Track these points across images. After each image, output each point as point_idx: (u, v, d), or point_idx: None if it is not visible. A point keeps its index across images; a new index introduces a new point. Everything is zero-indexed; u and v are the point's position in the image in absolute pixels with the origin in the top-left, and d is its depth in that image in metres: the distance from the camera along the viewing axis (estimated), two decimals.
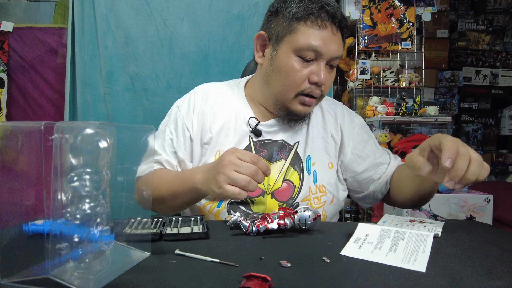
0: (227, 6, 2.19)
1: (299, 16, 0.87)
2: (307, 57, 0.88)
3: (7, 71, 2.35)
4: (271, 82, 0.95)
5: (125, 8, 2.15)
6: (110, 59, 2.15)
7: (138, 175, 0.67)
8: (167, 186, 0.90)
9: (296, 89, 0.91)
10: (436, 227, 0.76)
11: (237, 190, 0.74)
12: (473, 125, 3.23)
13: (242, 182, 0.73)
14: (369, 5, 2.23)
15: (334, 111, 1.08)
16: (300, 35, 0.87)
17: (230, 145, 0.97)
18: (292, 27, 0.88)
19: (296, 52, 0.88)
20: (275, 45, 0.92)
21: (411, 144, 1.90)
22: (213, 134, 0.99)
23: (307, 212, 0.73)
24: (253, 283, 0.45)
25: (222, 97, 1.04)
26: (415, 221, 0.82)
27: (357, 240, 0.65)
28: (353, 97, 2.34)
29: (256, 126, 0.99)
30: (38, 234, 0.47)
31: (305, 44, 0.87)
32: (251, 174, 0.74)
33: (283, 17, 0.89)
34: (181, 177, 0.88)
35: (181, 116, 1.02)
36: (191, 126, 1.00)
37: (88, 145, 0.48)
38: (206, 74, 2.19)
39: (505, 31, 3.25)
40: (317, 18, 0.86)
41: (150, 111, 2.20)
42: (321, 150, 1.02)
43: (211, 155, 0.98)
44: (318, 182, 1.00)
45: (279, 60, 0.91)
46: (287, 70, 0.90)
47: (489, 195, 1.76)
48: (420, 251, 0.59)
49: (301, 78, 0.90)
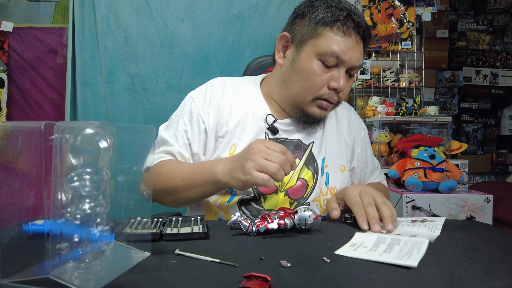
0: (227, 6, 2.19)
1: (325, 21, 0.88)
2: (329, 62, 0.89)
3: (7, 71, 2.35)
4: (290, 83, 0.95)
5: (125, 8, 2.15)
6: (110, 59, 2.15)
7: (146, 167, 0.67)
8: (183, 176, 0.89)
9: (314, 93, 0.92)
10: (437, 225, 0.76)
11: (267, 177, 0.74)
12: (473, 125, 3.23)
13: (272, 169, 0.74)
14: (369, 5, 2.23)
15: (347, 117, 1.12)
16: (325, 40, 0.88)
17: (246, 140, 0.97)
18: (318, 31, 0.89)
19: (318, 56, 0.89)
20: (298, 47, 0.93)
21: (411, 144, 1.90)
22: (229, 128, 0.98)
23: (307, 212, 0.73)
24: (253, 283, 0.45)
25: (238, 92, 1.04)
26: (416, 221, 0.82)
27: (353, 245, 0.66)
28: (353, 97, 2.34)
29: (273, 123, 1.00)
30: (38, 234, 0.47)
31: (328, 49, 0.88)
32: (280, 162, 0.75)
33: (309, 20, 0.91)
34: (200, 167, 0.88)
35: (196, 108, 1.01)
36: (206, 119, 0.99)
37: (88, 145, 0.48)
38: (206, 74, 2.19)
39: (505, 31, 3.25)
40: (343, 25, 0.88)
41: (150, 111, 2.20)
42: (334, 153, 1.04)
43: (226, 149, 0.97)
44: (330, 184, 1.01)
45: (301, 63, 0.92)
46: (307, 73, 0.91)
47: (489, 195, 1.76)
48: (414, 252, 0.59)
49: (320, 83, 0.91)
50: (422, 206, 1.73)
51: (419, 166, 1.77)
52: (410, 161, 1.82)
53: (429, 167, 1.75)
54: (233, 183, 0.80)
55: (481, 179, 3.16)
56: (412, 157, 1.81)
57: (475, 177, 3.15)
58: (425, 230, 0.74)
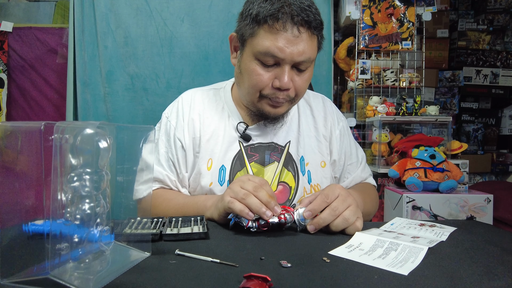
0: (227, 6, 2.19)
1: (258, 18, 0.82)
2: (267, 62, 0.84)
3: (7, 71, 2.35)
4: (240, 84, 0.94)
5: (125, 8, 2.15)
6: (110, 59, 2.15)
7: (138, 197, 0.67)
8: (177, 209, 0.91)
9: (258, 92, 0.89)
10: (445, 231, 0.75)
11: (240, 205, 0.71)
12: (474, 125, 3.23)
13: (240, 194, 0.72)
14: (369, 4, 2.23)
15: (323, 110, 1.08)
16: (259, 39, 0.83)
17: (220, 153, 0.97)
18: (253, 30, 0.84)
19: (256, 56, 0.85)
20: (241, 47, 0.90)
21: (411, 144, 1.90)
22: (204, 143, 0.98)
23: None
24: (253, 283, 0.45)
25: (209, 103, 1.03)
26: (424, 224, 0.80)
27: (350, 246, 0.65)
28: (353, 97, 2.34)
29: (244, 131, 0.98)
30: (38, 234, 0.47)
31: (262, 49, 0.83)
32: (252, 189, 0.72)
33: (246, 19, 0.86)
34: (193, 201, 0.90)
35: (171, 127, 1.01)
36: (182, 137, 0.99)
37: (88, 145, 0.48)
38: (206, 74, 2.19)
39: (506, 30, 3.25)
40: (276, 20, 0.80)
41: (150, 111, 2.20)
42: (313, 149, 1.02)
43: (203, 163, 0.97)
44: (312, 182, 1.00)
45: (243, 63, 0.89)
46: (249, 73, 0.87)
47: (489, 195, 1.76)
48: (409, 261, 0.57)
49: (263, 82, 0.87)
50: (422, 206, 1.73)
51: (420, 166, 1.77)
52: (411, 161, 1.82)
53: (430, 167, 1.75)
54: (215, 215, 0.80)
55: (482, 179, 3.16)
56: (413, 157, 1.82)
57: (475, 177, 3.15)
58: (431, 235, 0.72)
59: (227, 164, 0.96)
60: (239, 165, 0.96)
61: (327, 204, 0.73)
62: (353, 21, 2.26)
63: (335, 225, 0.72)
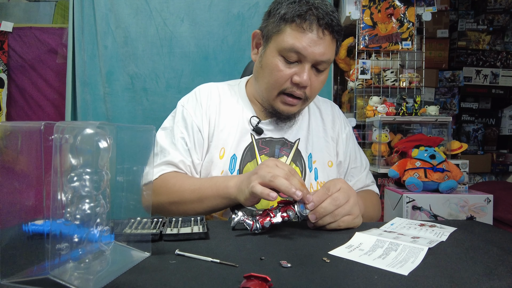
0: (227, 6, 2.19)
1: (286, 17, 0.89)
2: (290, 58, 0.90)
3: (7, 71, 2.35)
4: (259, 79, 0.99)
5: (125, 8, 2.15)
6: (110, 59, 2.15)
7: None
8: (193, 189, 0.90)
9: (278, 88, 0.94)
10: (445, 231, 0.75)
11: (267, 190, 0.72)
12: (474, 125, 3.23)
13: (268, 177, 0.73)
14: (369, 4, 2.23)
15: (331, 113, 1.14)
16: (285, 36, 0.89)
17: (233, 143, 1.00)
18: (280, 27, 0.90)
19: (280, 52, 0.91)
20: (265, 43, 0.96)
21: (411, 144, 1.90)
22: (218, 132, 1.01)
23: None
24: (253, 284, 0.45)
25: (224, 97, 1.07)
26: (424, 224, 0.81)
27: (349, 246, 0.65)
28: (353, 97, 2.34)
29: (257, 124, 1.02)
30: (38, 234, 0.47)
31: (288, 45, 0.89)
32: (284, 175, 0.74)
33: (274, 17, 0.92)
34: (211, 181, 0.89)
35: (189, 115, 1.02)
36: (200, 123, 1.01)
37: (88, 145, 0.47)
38: (206, 74, 2.19)
39: (506, 31, 3.25)
40: (303, 20, 0.87)
41: (149, 111, 2.20)
42: (321, 149, 1.07)
43: (216, 151, 0.99)
44: (319, 179, 1.03)
45: (266, 59, 0.94)
46: (271, 69, 0.93)
47: (489, 195, 1.76)
48: (409, 261, 0.58)
49: (283, 78, 0.92)
50: (422, 206, 1.73)
51: (420, 166, 1.77)
52: (411, 161, 1.82)
53: (430, 167, 1.75)
54: (240, 196, 0.81)
55: (482, 179, 3.16)
56: (413, 157, 1.81)
57: (475, 177, 3.15)
58: (431, 235, 0.72)
59: (239, 154, 0.99)
60: (250, 156, 0.99)
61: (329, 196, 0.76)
62: (353, 21, 2.26)
63: (336, 213, 0.74)
